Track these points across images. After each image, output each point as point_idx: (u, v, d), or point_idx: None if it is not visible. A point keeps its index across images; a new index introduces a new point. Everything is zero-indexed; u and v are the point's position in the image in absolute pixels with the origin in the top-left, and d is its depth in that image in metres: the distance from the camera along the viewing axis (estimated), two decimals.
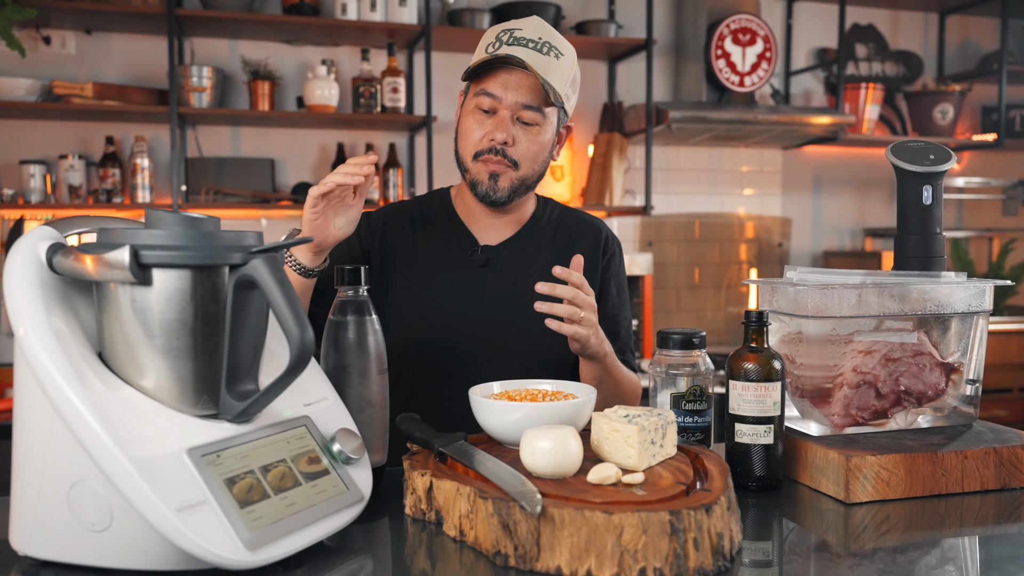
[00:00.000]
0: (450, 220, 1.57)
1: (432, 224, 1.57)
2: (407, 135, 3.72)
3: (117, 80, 3.40)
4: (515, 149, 1.45)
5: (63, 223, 0.96)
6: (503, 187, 1.46)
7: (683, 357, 1.22)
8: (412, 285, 1.52)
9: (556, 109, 1.47)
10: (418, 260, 1.53)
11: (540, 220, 1.59)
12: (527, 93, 1.43)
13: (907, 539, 1.01)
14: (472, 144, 1.46)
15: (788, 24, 4.12)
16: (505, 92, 1.42)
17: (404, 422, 1.15)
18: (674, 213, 4.09)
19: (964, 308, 1.24)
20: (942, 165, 1.30)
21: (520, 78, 1.42)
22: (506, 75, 1.43)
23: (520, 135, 1.45)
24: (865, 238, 4.33)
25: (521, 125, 1.45)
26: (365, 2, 3.37)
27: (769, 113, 3.68)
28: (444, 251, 1.54)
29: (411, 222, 1.57)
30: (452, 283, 1.52)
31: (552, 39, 1.42)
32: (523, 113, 1.43)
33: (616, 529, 0.83)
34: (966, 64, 4.40)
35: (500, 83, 1.43)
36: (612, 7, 3.87)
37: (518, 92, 1.42)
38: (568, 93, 1.46)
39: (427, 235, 1.56)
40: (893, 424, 1.24)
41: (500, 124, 1.43)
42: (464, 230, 1.56)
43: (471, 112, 1.47)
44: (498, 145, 1.43)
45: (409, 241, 1.55)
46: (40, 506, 0.86)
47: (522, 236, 1.56)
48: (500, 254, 1.54)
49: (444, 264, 1.53)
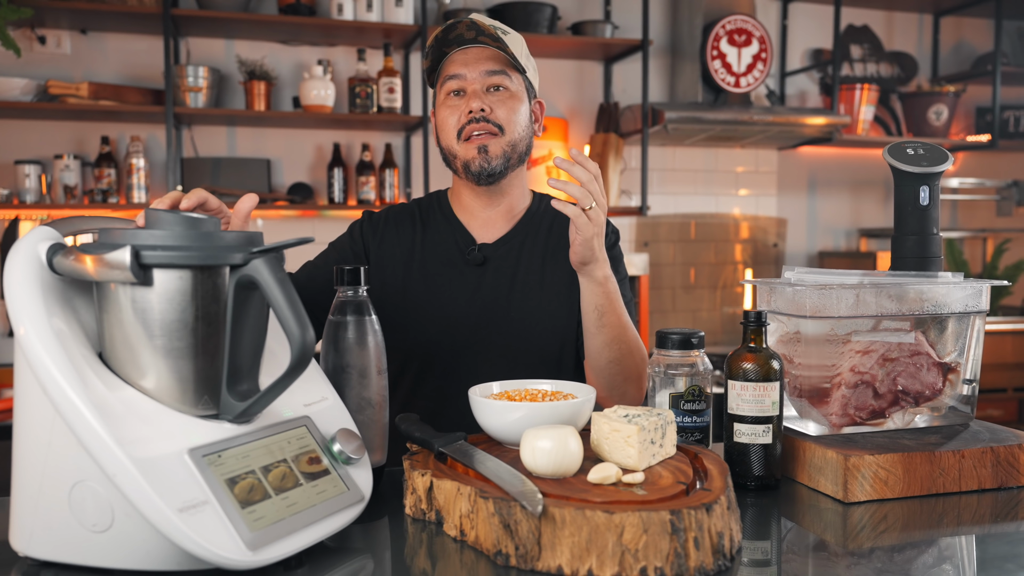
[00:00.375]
0: (447, 220, 1.57)
1: (430, 224, 1.57)
2: (403, 135, 3.72)
3: (112, 80, 3.39)
4: (496, 114, 1.47)
5: (63, 223, 0.95)
6: (495, 154, 1.47)
7: (682, 357, 1.22)
8: (412, 285, 1.52)
9: (520, 77, 1.50)
10: (417, 260, 1.54)
11: (535, 214, 1.59)
12: (488, 62, 1.47)
13: (905, 538, 1.02)
14: (452, 127, 1.48)
15: (783, 25, 4.13)
16: (467, 68, 1.46)
17: (403, 422, 1.15)
18: (670, 213, 4.10)
19: (961, 308, 1.25)
20: (939, 166, 1.30)
21: (478, 51, 1.47)
22: (463, 54, 1.47)
23: (496, 103, 1.47)
24: (860, 238, 4.34)
25: (493, 93, 1.47)
26: (361, 2, 3.37)
27: (765, 114, 3.68)
28: (443, 250, 1.54)
29: (411, 222, 1.58)
30: (451, 282, 1.52)
31: (495, 23, 1.46)
32: (491, 79, 1.47)
33: (617, 529, 0.83)
34: (960, 65, 4.41)
35: (459, 62, 1.47)
36: (608, 8, 3.88)
37: (479, 63, 1.46)
38: (526, 65, 1.50)
39: (426, 235, 1.56)
40: (890, 424, 1.24)
41: (473, 95, 1.46)
42: (461, 229, 1.56)
43: (443, 103, 1.50)
44: (476, 113, 1.45)
45: (409, 241, 1.55)
46: (41, 507, 0.86)
47: (518, 232, 1.56)
48: (497, 251, 1.54)
49: (443, 263, 1.53)
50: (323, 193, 3.64)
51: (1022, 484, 1.17)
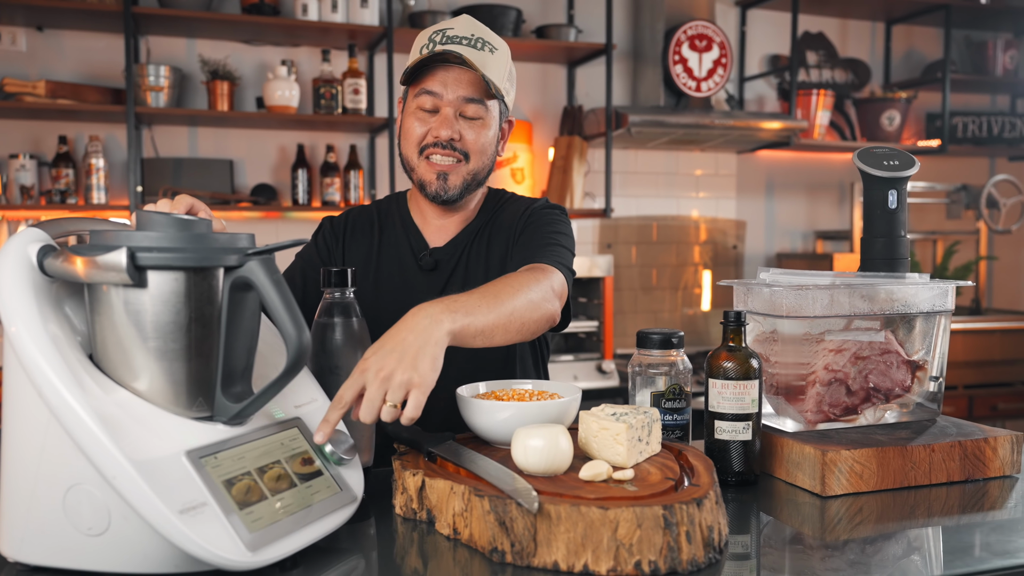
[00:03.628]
0: (404, 224, 1.57)
1: (388, 229, 1.57)
2: (368, 136, 3.71)
3: (70, 78, 3.32)
4: (464, 143, 1.45)
5: (51, 224, 0.94)
6: (454, 184, 1.46)
7: (662, 357, 1.25)
8: (371, 290, 1.52)
9: (497, 102, 1.48)
10: (374, 265, 1.54)
11: (484, 214, 1.57)
12: (467, 87, 1.43)
13: (880, 529, 1.05)
14: (415, 141, 1.45)
15: (742, 31, 4.20)
16: (445, 89, 1.43)
17: (389, 423, 1.15)
18: (632, 215, 4.15)
19: (928, 308, 1.30)
20: (907, 171, 1.35)
21: (459, 73, 1.43)
22: (444, 72, 1.43)
23: (466, 129, 1.45)
24: (816, 240, 4.44)
25: (465, 120, 1.45)
26: (326, 3, 3.35)
27: (725, 118, 3.75)
28: (398, 256, 1.54)
29: (370, 227, 1.57)
30: (405, 287, 1.51)
31: (485, 35, 1.44)
32: (466, 107, 1.44)
33: (612, 524, 0.85)
34: (911, 72, 4.54)
35: (439, 81, 1.43)
36: (571, 12, 3.91)
37: (458, 87, 1.43)
38: (507, 87, 1.48)
39: (383, 240, 1.56)
40: (862, 420, 1.28)
41: (444, 121, 1.43)
42: (416, 233, 1.55)
43: (412, 113, 1.46)
44: (443, 140, 1.43)
45: (368, 246, 1.55)
46: (33, 511, 0.85)
47: (466, 234, 1.54)
48: (446, 255, 1.53)
49: (398, 268, 1.53)
50: (287, 194, 3.61)
51: (988, 476, 1.22)
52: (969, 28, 4.55)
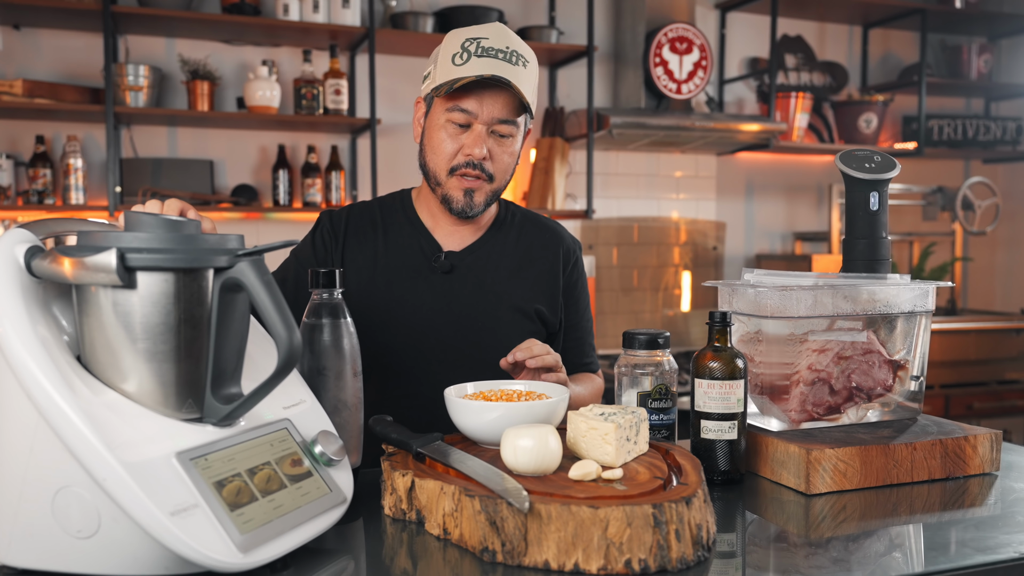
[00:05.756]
0: (412, 225, 1.57)
1: (394, 229, 1.57)
2: (350, 137, 3.70)
3: (48, 77, 3.29)
4: (492, 163, 1.45)
5: (37, 225, 0.94)
6: (479, 202, 1.48)
7: (648, 357, 1.26)
8: (376, 291, 1.51)
9: (526, 115, 1.48)
10: (380, 265, 1.53)
11: (502, 224, 1.61)
12: (503, 108, 1.42)
13: (863, 527, 1.07)
14: (446, 158, 1.45)
15: (722, 34, 4.24)
16: (481, 108, 1.42)
17: (378, 424, 1.16)
18: (613, 217, 4.17)
19: (909, 308, 1.31)
20: (888, 173, 1.37)
21: (495, 92, 1.41)
22: (481, 91, 1.41)
23: (495, 148, 1.45)
24: (795, 242, 4.48)
25: (496, 138, 1.45)
26: (307, 3, 3.34)
27: (705, 120, 3.78)
28: (407, 257, 1.54)
29: (372, 226, 1.57)
30: (416, 289, 1.52)
31: (518, 47, 1.43)
32: (499, 127, 1.43)
33: (602, 523, 0.86)
34: (888, 75, 4.59)
35: (476, 100, 1.41)
36: (553, 14, 3.92)
37: (494, 107, 1.42)
38: (534, 98, 1.48)
39: (389, 240, 1.55)
40: (845, 419, 1.30)
41: (477, 139, 1.43)
42: (427, 235, 1.56)
43: (443, 126, 1.45)
44: (476, 160, 1.43)
45: (371, 245, 1.55)
46: (21, 514, 0.84)
47: (485, 241, 1.57)
48: (464, 260, 1.54)
49: (408, 270, 1.53)
50: (268, 195, 3.59)
51: (968, 474, 1.24)
52: (944, 32, 4.61)
